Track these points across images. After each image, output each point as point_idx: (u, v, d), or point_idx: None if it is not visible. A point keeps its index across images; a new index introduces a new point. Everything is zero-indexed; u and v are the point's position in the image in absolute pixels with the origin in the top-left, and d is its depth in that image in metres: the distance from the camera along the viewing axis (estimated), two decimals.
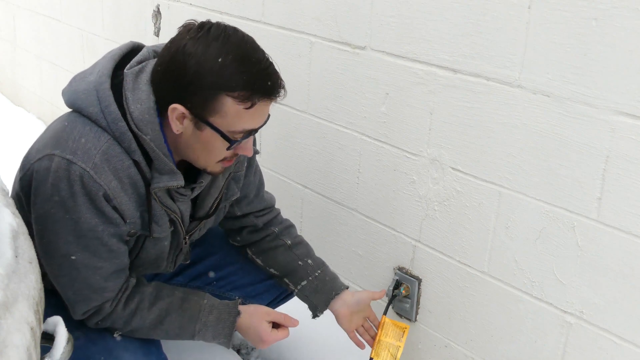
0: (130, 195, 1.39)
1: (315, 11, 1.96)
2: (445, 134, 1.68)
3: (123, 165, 1.36)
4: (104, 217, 1.36)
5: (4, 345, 0.83)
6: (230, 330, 1.55)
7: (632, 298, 1.40)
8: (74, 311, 1.46)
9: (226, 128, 1.33)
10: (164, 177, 1.39)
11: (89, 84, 1.38)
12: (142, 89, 1.35)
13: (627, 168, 1.35)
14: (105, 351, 1.49)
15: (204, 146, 1.38)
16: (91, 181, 1.32)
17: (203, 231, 1.67)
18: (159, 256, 1.55)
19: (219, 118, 1.32)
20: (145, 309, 1.50)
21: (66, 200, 1.33)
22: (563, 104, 1.43)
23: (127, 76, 1.37)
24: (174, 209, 1.47)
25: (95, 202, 1.34)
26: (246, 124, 1.34)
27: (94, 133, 1.35)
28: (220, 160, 1.41)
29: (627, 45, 1.31)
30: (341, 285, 1.77)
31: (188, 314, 1.53)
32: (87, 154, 1.32)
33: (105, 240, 1.38)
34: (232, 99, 1.30)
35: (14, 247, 0.98)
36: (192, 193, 1.49)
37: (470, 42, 1.57)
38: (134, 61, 1.40)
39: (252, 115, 1.33)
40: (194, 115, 1.33)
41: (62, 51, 3.57)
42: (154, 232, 1.46)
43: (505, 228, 1.60)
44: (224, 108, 1.31)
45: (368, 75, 1.84)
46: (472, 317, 1.73)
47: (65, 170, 1.32)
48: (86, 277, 1.40)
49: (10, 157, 3.05)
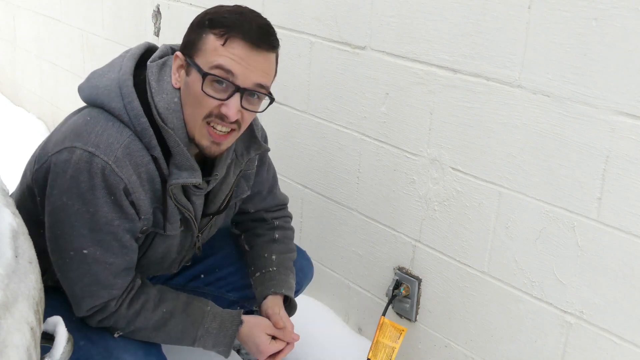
0: (147, 191, 1.40)
1: (315, 11, 1.96)
2: (445, 134, 1.68)
3: (143, 160, 1.38)
4: (121, 212, 1.37)
5: (4, 345, 0.83)
6: (231, 340, 1.55)
7: (632, 298, 1.40)
8: (79, 307, 1.45)
9: (204, 65, 1.34)
10: (184, 174, 1.40)
11: (111, 80, 1.40)
12: (167, 80, 1.39)
13: (627, 168, 1.35)
14: (105, 352, 1.49)
15: (191, 98, 1.37)
16: (112, 174, 1.33)
17: (214, 229, 1.67)
18: (165, 255, 1.55)
19: (201, 56, 1.35)
20: (150, 310, 1.50)
21: (85, 192, 1.34)
22: (563, 104, 1.43)
23: (151, 68, 1.40)
24: (187, 206, 1.48)
25: (115, 196, 1.35)
26: (220, 59, 1.33)
27: (116, 128, 1.36)
28: (206, 119, 1.37)
29: (627, 45, 1.31)
30: (284, 289, 1.67)
31: (191, 319, 1.53)
32: (110, 147, 1.34)
33: (119, 235, 1.39)
34: (214, 36, 1.34)
35: (14, 247, 0.99)
36: (208, 186, 1.50)
37: (470, 42, 1.57)
38: (155, 55, 1.44)
39: (227, 51, 1.32)
40: (185, 58, 1.37)
41: (62, 51, 3.57)
42: (166, 230, 1.47)
43: (505, 228, 1.60)
44: (205, 45, 1.34)
45: (368, 75, 1.84)
46: (472, 317, 1.73)
47: (87, 162, 1.32)
48: (96, 273, 1.41)
49: (11, 157, 3.05)
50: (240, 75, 1.33)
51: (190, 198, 1.49)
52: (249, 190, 1.67)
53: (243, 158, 1.57)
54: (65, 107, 3.61)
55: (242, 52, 1.33)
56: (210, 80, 1.33)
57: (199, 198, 1.51)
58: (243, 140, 1.55)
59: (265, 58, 1.36)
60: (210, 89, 1.34)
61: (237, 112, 1.35)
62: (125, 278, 1.45)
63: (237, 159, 1.56)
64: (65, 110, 3.58)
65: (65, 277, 1.43)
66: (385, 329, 1.81)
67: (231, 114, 1.35)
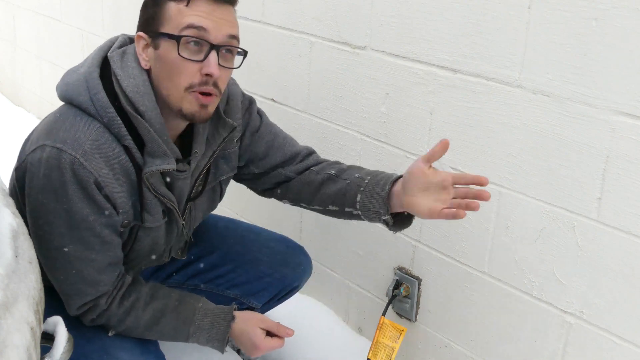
0: (122, 183, 1.38)
1: (315, 11, 1.96)
2: (445, 134, 1.68)
3: (114, 152, 1.36)
4: (96, 207, 1.36)
5: (4, 345, 0.83)
6: (224, 336, 1.54)
7: (632, 298, 1.40)
8: (69, 306, 1.45)
9: (173, 30, 1.34)
10: (156, 161, 1.38)
11: (79, 75, 1.40)
12: (131, 65, 1.39)
13: (627, 168, 1.35)
14: (102, 350, 1.49)
15: (167, 70, 1.36)
16: (81, 168, 1.32)
17: (198, 214, 1.64)
18: (153, 247, 1.53)
19: (166, 24, 1.35)
20: (140, 308, 1.49)
21: (58, 190, 1.33)
22: (563, 104, 1.43)
23: (112, 58, 1.40)
24: (168, 196, 1.46)
25: (87, 190, 1.34)
26: (189, 18, 1.33)
27: (84, 122, 1.36)
28: (190, 88, 1.36)
29: (627, 45, 1.31)
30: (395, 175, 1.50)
31: (182, 317, 1.53)
32: (77, 142, 1.33)
33: (97, 231, 1.38)
34: (174, 2, 1.34)
35: (14, 247, 0.98)
36: (191, 166, 1.48)
37: (470, 42, 1.57)
38: (114, 46, 1.44)
39: (193, 11, 1.33)
40: (149, 35, 1.37)
41: (62, 51, 3.57)
42: (146, 222, 1.45)
43: (505, 228, 1.60)
44: (168, 12, 1.35)
45: (368, 75, 1.84)
46: (472, 317, 1.73)
47: (56, 159, 1.32)
48: (80, 270, 1.40)
49: (11, 157, 3.05)
50: (212, 29, 1.34)
51: (175, 184, 1.47)
52: (232, 171, 1.64)
53: (214, 139, 1.53)
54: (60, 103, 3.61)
55: (207, 7, 1.34)
56: (185, 43, 1.33)
57: (185, 182, 1.49)
58: (212, 120, 1.52)
59: (228, 11, 1.37)
60: (186, 52, 1.34)
61: (217, 68, 1.35)
62: (111, 274, 1.44)
63: (208, 140, 1.53)
64: None
65: (53, 277, 1.43)
66: (385, 329, 1.81)
67: (213, 70, 1.34)
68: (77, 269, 1.40)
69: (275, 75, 2.13)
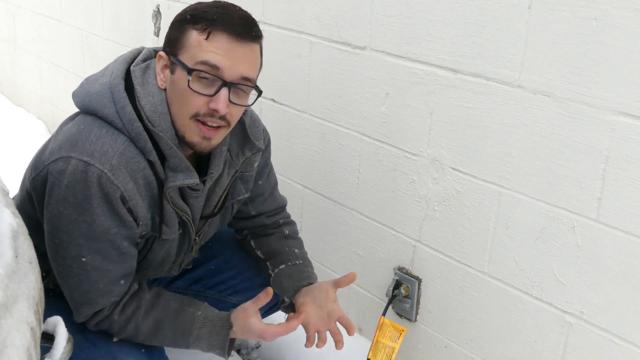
0: (144, 197, 1.39)
1: (315, 11, 1.96)
2: (445, 134, 1.68)
3: (139, 166, 1.37)
4: (119, 220, 1.36)
5: (4, 345, 0.83)
6: (224, 343, 1.51)
7: (632, 298, 1.40)
8: (77, 313, 1.45)
9: (189, 61, 1.33)
10: (179, 175, 1.39)
11: (102, 85, 1.39)
12: (152, 83, 1.38)
13: (627, 168, 1.35)
14: (108, 355, 1.49)
15: (177, 96, 1.36)
16: (109, 183, 1.32)
17: (211, 232, 1.66)
18: (165, 258, 1.54)
19: (185, 52, 1.34)
20: (140, 317, 1.49)
21: (81, 202, 1.33)
22: (563, 104, 1.43)
23: (134, 72, 1.39)
24: (185, 209, 1.47)
25: (112, 204, 1.34)
26: (205, 54, 1.32)
27: (110, 135, 1.35)
28: (194, 117, 1.36)
29: (627, 45, 1.31)
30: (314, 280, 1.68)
31: (181, 328, 1.51)
32: (105, 155, 1.33)
33: (117, 243, 1.38)
34: (196, 31, 1.33)
35: (14, 247, 0.98)
36: (205, 186, 1.49)
37: (470, 42, 1.57)
38: (138, 59, 1.43)
39: (211, 46, 1.32)
40: (169, 57, 1.37)
41: (62, 51, 3.57)
42: (163, 234, 1.46)
43: (505, 228, 1.60)
44: (188, 41, 1.34)
45: (368, 75, 1.84)
46: (472, 317, 1.73)
47: (83, 172, 1.32)
48: (95, 280, 1.40)
49: (11, 157, 3.05)
50: (226, 68, 1.33)
51: (188, 201, 1.48)
52: (247, 193, 1.65)
53: (238, 159, 1.55)
54: (65, 107, 3.61)
55: (226, 44, 1.32)
56: (196, 77, 1.32)
57: (197, 200, 1.50)
58: (237, 140, 1.54)
59: (249, 49, 1.36)
60: (197, 85, 1.33)
61: (226, 105, 1.34)
62: (124, 285, 1.45)
63: (232, 160, 1.55)
64: (65, 110, 3.58)
65: (65, 284, 1.43)
66: (385, 329, 1.81)
67: (220, 107, 1.33)
68: (92, 278, 1.40)
69: (275, 75, 2.13)
